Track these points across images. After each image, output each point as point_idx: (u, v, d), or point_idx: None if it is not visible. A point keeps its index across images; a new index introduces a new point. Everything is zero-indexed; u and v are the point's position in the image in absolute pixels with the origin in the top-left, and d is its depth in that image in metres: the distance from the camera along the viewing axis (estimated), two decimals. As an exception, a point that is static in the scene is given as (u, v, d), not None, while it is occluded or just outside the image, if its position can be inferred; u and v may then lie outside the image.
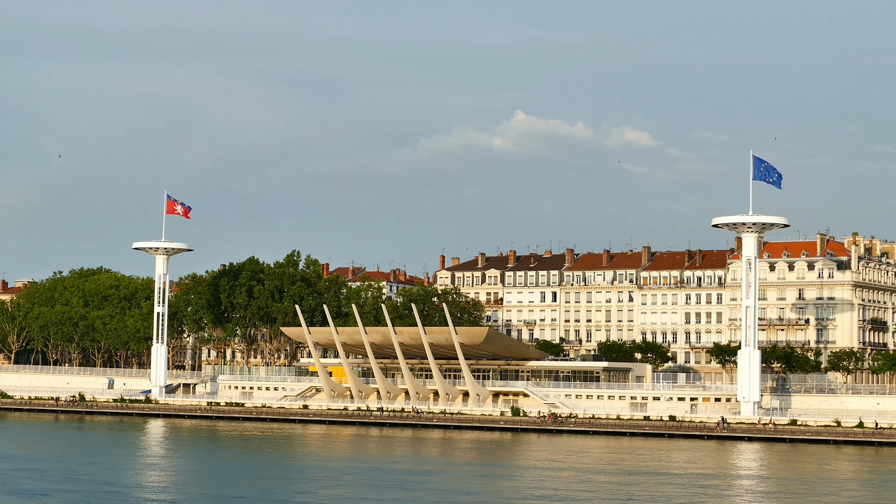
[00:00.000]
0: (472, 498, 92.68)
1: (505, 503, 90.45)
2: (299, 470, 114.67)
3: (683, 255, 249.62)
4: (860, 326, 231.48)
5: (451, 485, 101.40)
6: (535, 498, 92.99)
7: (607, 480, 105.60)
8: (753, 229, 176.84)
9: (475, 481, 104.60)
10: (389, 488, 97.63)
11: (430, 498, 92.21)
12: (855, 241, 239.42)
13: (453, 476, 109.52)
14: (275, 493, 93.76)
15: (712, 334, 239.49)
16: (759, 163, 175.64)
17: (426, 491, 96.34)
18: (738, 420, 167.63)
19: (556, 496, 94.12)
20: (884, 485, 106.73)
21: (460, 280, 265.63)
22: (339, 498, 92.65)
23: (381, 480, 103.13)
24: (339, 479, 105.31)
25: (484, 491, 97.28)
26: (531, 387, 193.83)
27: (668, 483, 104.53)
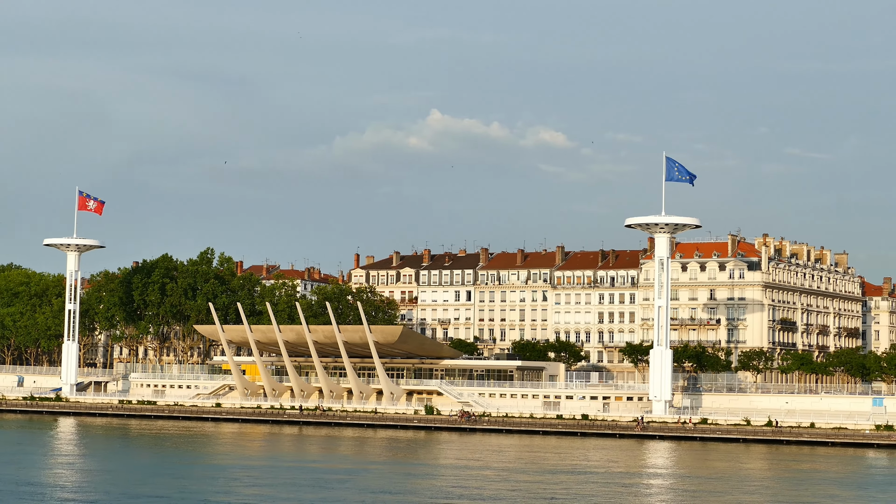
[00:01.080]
0: (397, 497, 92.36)
1: (430, 503, 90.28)
2: (220, 469, 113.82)
3: (597, 255, 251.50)
4: (770, 326, 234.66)
5: (374, 484, 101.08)
6: (459, 497, 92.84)
7: (529, 479, 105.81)
8: (666, 230, 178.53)
9: (397, 480, 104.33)
10: (312, 488, 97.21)
11: (354, 497, 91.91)
12: (765, 242, 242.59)
13: (375, 475, 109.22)
14: (196, 493, 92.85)
15: (625, 334, 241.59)
16: (672, 164, 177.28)
17: (349, 490, 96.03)
18: (653, 419, 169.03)
19: (481, 496, 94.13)
20: (797, 483, 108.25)
21: (375, 279, 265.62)
22: (262, 497, 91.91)
23: (302, 480, 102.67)
24: (261, 479, 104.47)
25: (408, 490, 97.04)
26: (445, 385, 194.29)
27: (591, 482, 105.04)
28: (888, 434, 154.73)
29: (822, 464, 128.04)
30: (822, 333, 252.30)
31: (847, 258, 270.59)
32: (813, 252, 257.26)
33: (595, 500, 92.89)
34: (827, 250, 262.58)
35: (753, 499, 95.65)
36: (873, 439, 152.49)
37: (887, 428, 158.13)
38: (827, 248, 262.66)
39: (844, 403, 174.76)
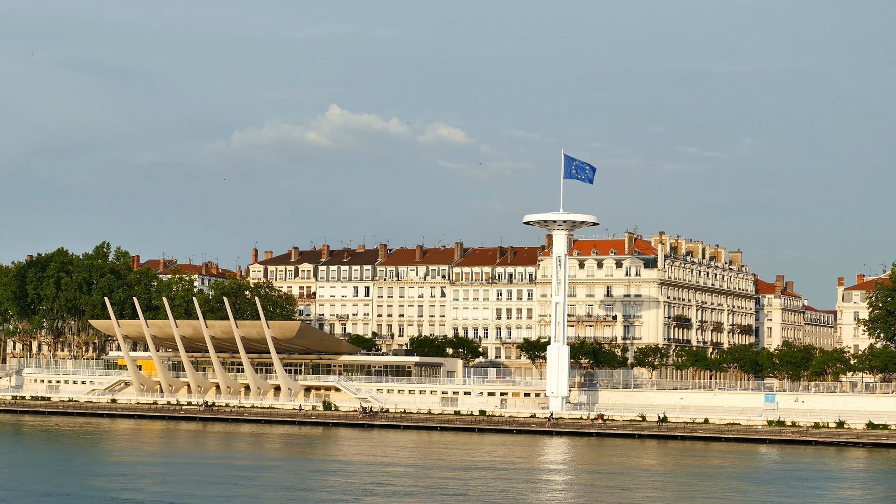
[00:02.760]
0: (312, 494, 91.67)
1: (345, 499, 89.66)
2: (124, 466, 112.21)
3: (495, 252, 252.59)
4: (665, 323, 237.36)
5: (286, 480, 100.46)
6: (373, 494, 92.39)
7: (441, 476, 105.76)
8: (564, 227, 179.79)
9: (307, 477, 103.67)
10: (223, 485, 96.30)
11: (267, 494, 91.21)
12: (661, 239, 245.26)
13: (285, 471, 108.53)
14: (101, 490, 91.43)
15: (523, 330, 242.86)
16: (570, 161, 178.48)
17: (261, 487, 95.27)
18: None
19: (395, 492, 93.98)
20: (691, 478, 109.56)
21: (273, 274, 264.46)
22: (171, 495, 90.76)
23: (212, 476, 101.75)
24: (170, 476, 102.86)
25: (321, 487, 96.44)
26: (343, 381, 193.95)
27: (502, 478, 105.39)
28: (780, 430, 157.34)
29: (715, 459, 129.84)
30: (717, 330, 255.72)
31: (741, 256, 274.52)
32: (708, 250, 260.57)
33: (508, 495, 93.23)
34: (721, 248, 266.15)
35: (653, 494, 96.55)
36: (765, 435, 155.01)
37: (779, 424, 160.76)
38: (722, 247, 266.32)
39: (737, 399, 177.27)
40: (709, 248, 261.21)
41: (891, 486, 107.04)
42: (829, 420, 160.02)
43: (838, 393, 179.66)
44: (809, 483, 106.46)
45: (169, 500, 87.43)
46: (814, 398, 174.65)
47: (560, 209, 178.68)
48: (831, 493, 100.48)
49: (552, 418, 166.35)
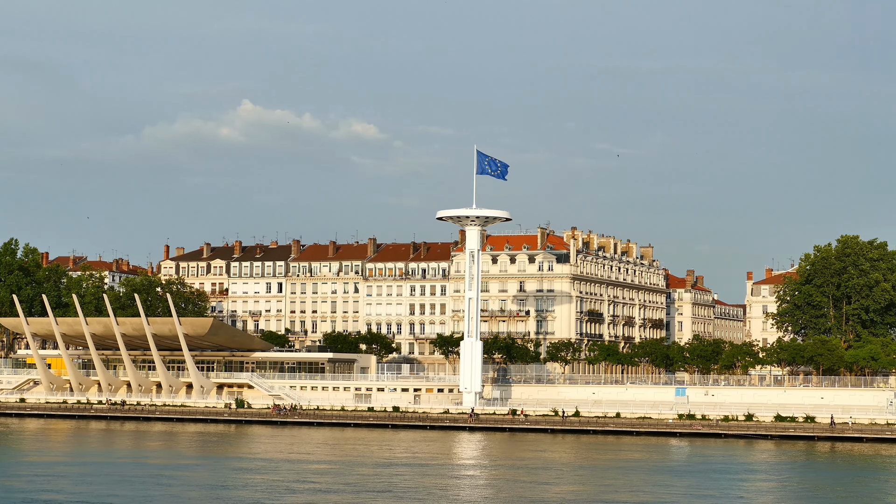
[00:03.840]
0: (235, 493, 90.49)
1: (269, 498, 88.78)
2: (45, 466, 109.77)
3: (408, 248, 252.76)
4: (577, 318, 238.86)
5: (206, 479, 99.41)
6: (297, 492, 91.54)
7: (363, 472, 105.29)
8: (477, 223, 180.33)
9: (228, 475, 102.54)
10: (143, 484, 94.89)
11: (190, 493, 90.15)
12: (574, 235, 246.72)
13: (207, 469, 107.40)
14: (21, 492, 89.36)
15: (436, 325, 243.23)
16: (483, 157, 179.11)
17: (181, 486, 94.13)
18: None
19: (319, 489, 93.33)
20: (603, 471, 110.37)
21: (185, 270, 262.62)
22: (92, 495, 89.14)
23: (134, 475, 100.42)
24: (90, 475, 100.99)
25: (242, 485, 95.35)
26: (256, 378, 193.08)
27: (426, 474, 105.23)
28: (690, 423, 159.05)
29: (631, 453, 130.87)
30: (628, 325, 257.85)
31: (652, 251, 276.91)
32: (619, 245, 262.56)
33: (432, 491, 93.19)
34: (633, 243, 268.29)
35: (578, 488, 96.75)
36: (676, 428, 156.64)
37: (689, 417, 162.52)
38: (633, 242, 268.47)
39: (649, 393, 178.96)
40: (620, 244, 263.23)
41: (803, 478, 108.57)
42: (739, 413, 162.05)
43: (747, 386, 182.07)
44: (730, 475, 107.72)
45: (91, 501, 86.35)
46: (723, 391, 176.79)
47: (473, 205, 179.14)
48: (750, 484, 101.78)
49: (473, 414, 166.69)
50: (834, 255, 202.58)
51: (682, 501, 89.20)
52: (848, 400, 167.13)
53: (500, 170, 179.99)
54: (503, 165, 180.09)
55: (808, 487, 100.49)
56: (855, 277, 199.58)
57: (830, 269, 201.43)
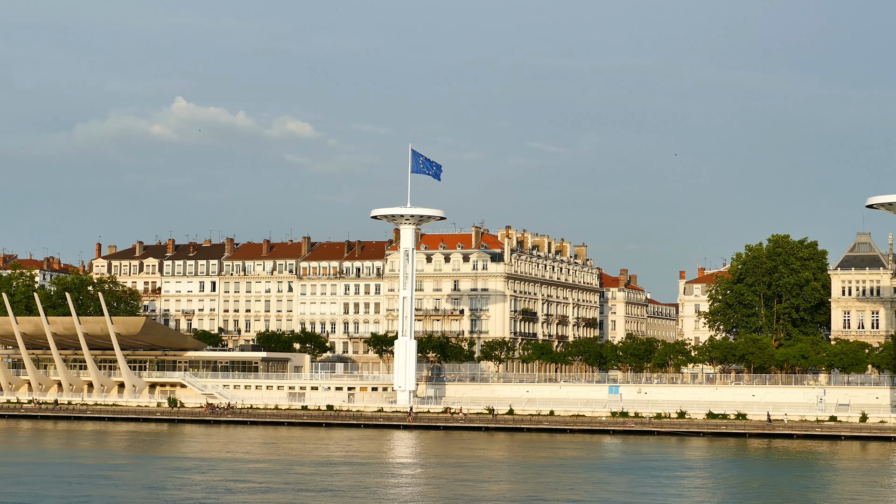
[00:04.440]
0: (174, 493, 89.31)
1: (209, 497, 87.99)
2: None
3: (343, 246, 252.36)
4: (512, 317, 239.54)
5: (143, 479, 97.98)
6: (237, 492, 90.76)
7: (302, 471, 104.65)
8: (411, 221, 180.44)
9: (166, 475, 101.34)
10: (80, 484, 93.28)
11: (129, 493, 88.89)
12: (508, 234, 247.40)
13: (144, 469, 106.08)
14: None
15: (371, 324, 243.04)
16: (418, 156, 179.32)
17: (119, 487, 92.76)
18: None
19: (258, 489, 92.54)
20: (538, 469, 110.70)
21: (117, 269, 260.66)
22: (29, 495, 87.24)
23: (69, 476, 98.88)
24: (25, 476, 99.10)
25: (181, 485, 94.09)
26: (189, 377, 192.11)
27: (365, 473, 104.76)
28: (623, 420, 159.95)
29: (566, 450, 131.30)
30: (562, 324, 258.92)
31: (586, 250, 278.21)
32: (553, 244, 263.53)
33: (372, 490, 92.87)
34: (567, 243, 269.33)
35: (517, 486, 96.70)
36: (609, 426, 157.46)
37: (622, 415, 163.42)
38: (567, 241, 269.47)
39: (582, 391, 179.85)
40: (554, 243, 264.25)
41: (738, 474, 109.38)
42: (671, 410, 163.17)
43: (679, 384, 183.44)
44: (668, 472, 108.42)
45: (27, 501, 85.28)
46: (656, 389, 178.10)
47: (408, 204, 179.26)
48: (687, 481, 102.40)
49: (412, 413, 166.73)
50: (765, 255, 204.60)
51: (623, 499, 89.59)
52: (779, 397, 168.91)
53: (434, 170, 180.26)
54: (437, 166, 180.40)
55: (743, 484, 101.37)
56: (785, 276, 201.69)
57: (761, 268, 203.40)
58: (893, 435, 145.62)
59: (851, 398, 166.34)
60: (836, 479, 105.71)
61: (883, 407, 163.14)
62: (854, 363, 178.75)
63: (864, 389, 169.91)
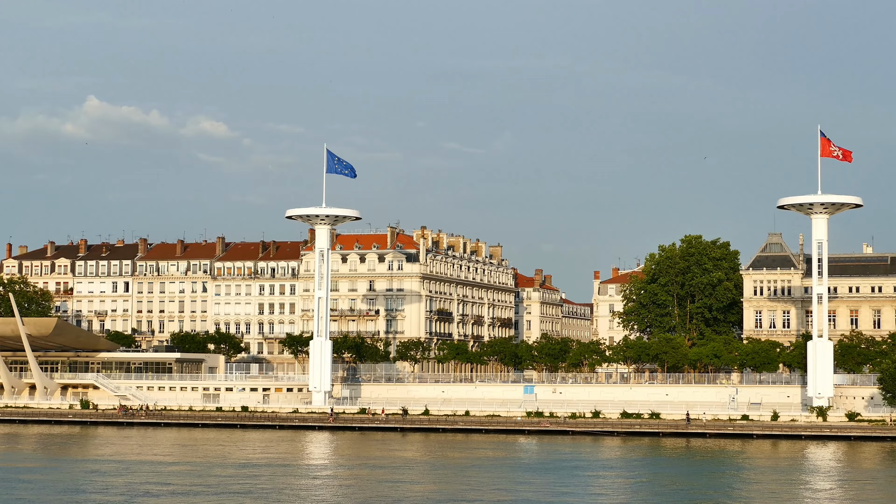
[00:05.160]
0: (93, 496, 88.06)
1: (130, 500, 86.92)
2: None
3: (258, 246, 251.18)
4: (427, 317, 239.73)
5: (61, 483, 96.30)
6: (156, 495, 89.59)
7: (223, 474, 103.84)
8: (326, 221, 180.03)
9: (84, 478, 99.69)
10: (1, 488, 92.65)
11: (47, 497, 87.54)
12: (423, 234, 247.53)
13: (60, 473, 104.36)
14: None
15: (286, 325, 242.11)
16: (333, 156, 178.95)
17: (36, 490, 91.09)
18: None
19: (179, 491, 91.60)
20: (455, 469, 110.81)
21: (28, 269, 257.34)
22: None
23: None
24: None
25: (100, 488, 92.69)
26: (101, 379, 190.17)
27: (286, 475, 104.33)
28: (538, 420, 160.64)
29: (479, 450, 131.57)
30: (478, 324, 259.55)
31: (501, 250, 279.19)
32: (469, 244, 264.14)
33: (293, 492, 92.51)
34: (482, 243, 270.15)
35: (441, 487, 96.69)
36: (524, 426, 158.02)
37: (537, 415, 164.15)
38: (482, 241, 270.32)
39: (498, 392, 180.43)
40: (470, 243, 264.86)
41: (659, 474, 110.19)
42: (586, 410, 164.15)
43: (594, 384, 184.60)
44: (591, 472, 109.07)
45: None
46: (571, 389, 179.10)
47: (323, 203, 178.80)
48: (609, 481, 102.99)
49: (333, 414, 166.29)
50: (678, 255, 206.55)
51: (546, 499, 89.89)
52: (692, 396, 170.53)
53: (349, 170, 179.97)
54: (351, 169, 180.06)
55: (663, 483, 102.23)
56: (698, 276, 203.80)
57: (675, 268, 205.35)
58: (804, 433, 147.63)
59: (763, 397, 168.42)
60: (754, 477, 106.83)
61: (793, 406, 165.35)
62: (765, 362, 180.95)
63: (776, 388, 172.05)
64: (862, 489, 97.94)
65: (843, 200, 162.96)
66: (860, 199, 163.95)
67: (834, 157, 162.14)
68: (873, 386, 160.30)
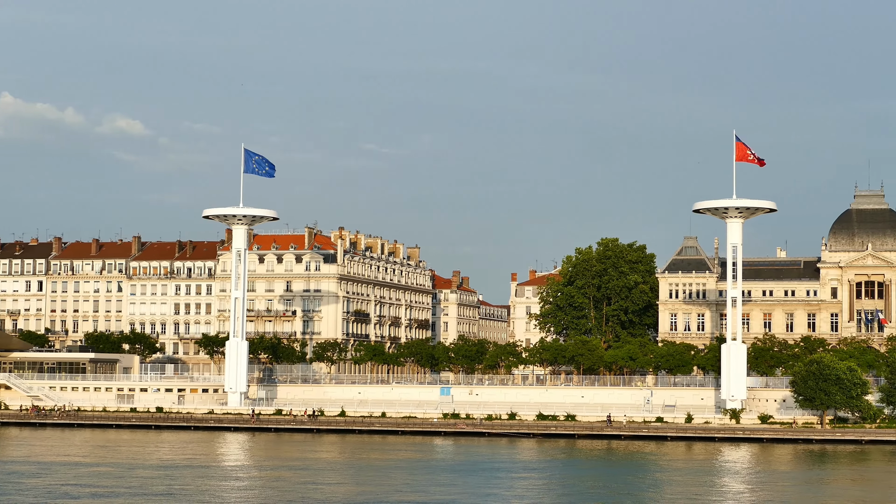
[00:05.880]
0: (12, 498, 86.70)
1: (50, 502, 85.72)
2: None
3: (174, 246, 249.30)
4: (344, 318, 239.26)
5: None
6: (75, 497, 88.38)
7: (143, 475, 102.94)
8: (243, 221, 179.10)
9: (2, 479, 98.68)
10: None
11: None
12: (341, 235, 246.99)
13: None
14: None
15: (202, 325, 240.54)
16: (251, 156, 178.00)
17: None
18: (235, 410, 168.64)
19: (100, 493, 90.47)
20: (372, 470, 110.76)
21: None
22: None
23: None
24: None
25: (18, 489, 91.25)
26: (13, 379, 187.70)
27: (206, 476, 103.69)
28: (454, 422, 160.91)
29: (398, 452, 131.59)
30: (395, 325, 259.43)
31: (419, 252, 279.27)
32: (387, 246, 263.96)
33: (214, 494, 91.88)
34: (400, 244, 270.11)
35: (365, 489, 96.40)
36: (441, 427, 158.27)
37: (454, 416, 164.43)
38: (400, 242, 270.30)
39: (414, 393, 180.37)
40: (387, 244, 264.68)
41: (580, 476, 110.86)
42: (502, 412, 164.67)
43: (510, 385, 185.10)
44: (514, 473, 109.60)
45: None
46: (487, 391, 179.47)
47: (240, 203, 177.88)
48: (530, 482, 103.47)
49: (254, 415, 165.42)
50: (595, 258, 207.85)
51: (470, 500, 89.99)
52: (607, 398, 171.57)
53: (267, 169, 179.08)
54: (270, 165, 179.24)
55: (584, 484, 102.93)
56: (614, 279, 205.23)
57: (591, 270, 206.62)
58: (717, 436, 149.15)
59: (677, 399, 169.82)
60: (669, 479, 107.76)
61: (707, 408, 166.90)
62: (680, 364, 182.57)
63: (690, 391, 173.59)
64: (773, 490, 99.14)
65: (757, 205, 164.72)
66: (774, 204, 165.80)
67: (749, 161, 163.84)
68: (785, 389, 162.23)
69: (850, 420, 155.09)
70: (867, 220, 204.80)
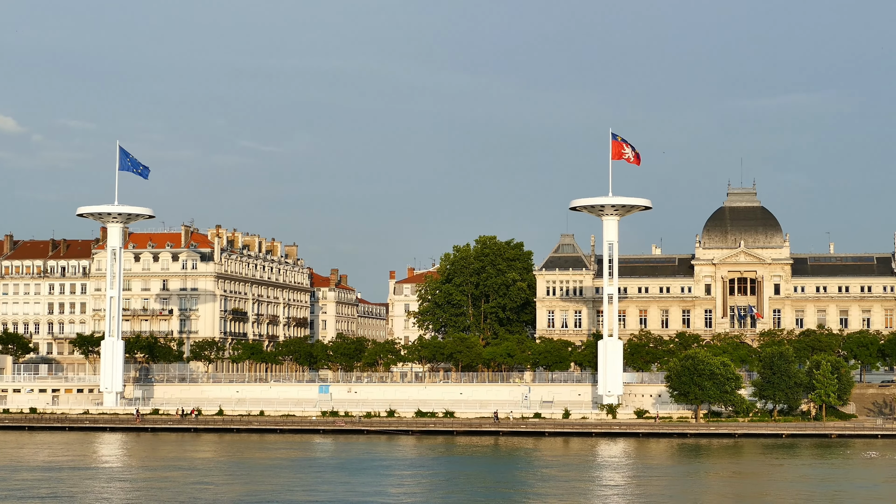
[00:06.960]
0: None
1: None
2: None
3: (48, 245, 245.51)
4: (222, 317, 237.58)
5: None
6: None
7: (26, 477, 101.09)
8: (119, 219, 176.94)
9: None
10: None
11: None
12: (218, 233, 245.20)
13: None
14: None
15: (76, 325, 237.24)
16: (126, 154, 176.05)
17: None
18: (107, 410, 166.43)
19: None
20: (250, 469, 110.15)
21: None
22: None
23: None
24: None
25: None
26: None
27: (90, 478, 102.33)
28: (333, 420, 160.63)
29: (277, 450, 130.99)
30: (273, 323, 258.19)
31: (297, 250, 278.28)
32: (264, 244, 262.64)
33: (101, 495, 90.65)
34: (278, 242, 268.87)
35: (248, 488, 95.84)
36: (320, 425, 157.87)
37: (332, 414, 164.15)
38: (278, 240, 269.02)
39: (293, 391, 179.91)
40: (265, 242, 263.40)
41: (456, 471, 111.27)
42: (381, 409, 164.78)
43: (389, 383, 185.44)
44: (398, 471, 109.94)
45: None
46: (366, 388, 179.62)
47: (115, 201, 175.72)
48: (417, 479, 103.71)
49: (138, 414, 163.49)
50: (473, 255, 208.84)
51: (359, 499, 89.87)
52: (486, 395, 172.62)
53: (141, 169, 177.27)
54: (144, 167, 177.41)
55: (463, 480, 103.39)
56: (493, 277, 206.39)
57: (469, 268, 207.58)
58: (594, 431, 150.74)
59: (555, 395, 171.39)
60: (547, 474, 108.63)
61: (584, 403, 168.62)
62: (558, 361, 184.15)
63: (567, 387, 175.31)
64: (649, 484, 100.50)
65: (633, 203, 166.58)
66: (649, 202, 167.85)
67: (625, 159, 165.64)
68: (661, 384, 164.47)
69: (724, 414, 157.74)
70: (740, 217, 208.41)
